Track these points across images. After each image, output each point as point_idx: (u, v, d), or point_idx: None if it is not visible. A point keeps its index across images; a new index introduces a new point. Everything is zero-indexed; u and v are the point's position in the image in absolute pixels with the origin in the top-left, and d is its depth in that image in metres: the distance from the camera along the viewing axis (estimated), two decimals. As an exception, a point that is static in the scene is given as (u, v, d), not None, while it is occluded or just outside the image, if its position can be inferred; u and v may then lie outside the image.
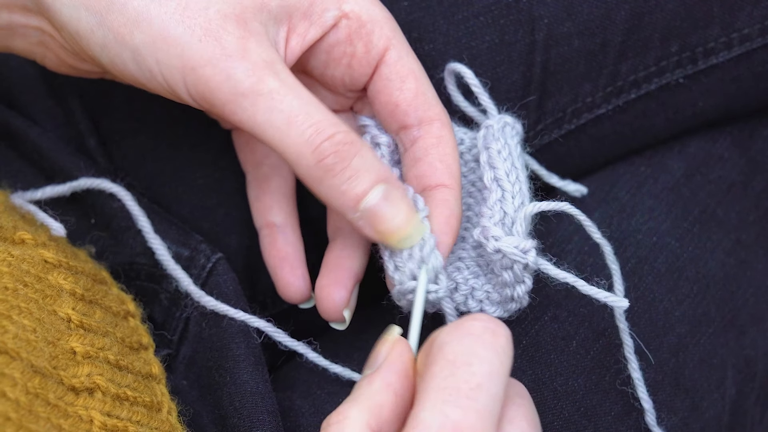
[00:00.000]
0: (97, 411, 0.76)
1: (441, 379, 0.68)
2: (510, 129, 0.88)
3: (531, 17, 0.95)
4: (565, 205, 0.84)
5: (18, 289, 0.78)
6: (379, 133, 0.88)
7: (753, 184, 1.01)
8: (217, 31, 0.79)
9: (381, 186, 0.80)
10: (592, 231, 0.86)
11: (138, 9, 0.79)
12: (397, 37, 0.85)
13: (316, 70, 0.87)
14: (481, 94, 0.91)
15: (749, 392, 0.98)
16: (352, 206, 0.80)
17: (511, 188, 0.85)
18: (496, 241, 0.82)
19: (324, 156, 0.78)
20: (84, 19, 0.80)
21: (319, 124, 0.78)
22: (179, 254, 0.92)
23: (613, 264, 0.87)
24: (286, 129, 0.78)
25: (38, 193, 0.91)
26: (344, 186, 0.79)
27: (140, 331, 0.87)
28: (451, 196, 0.84)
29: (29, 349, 0.75)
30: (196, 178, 0.99)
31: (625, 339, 0.87)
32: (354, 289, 0.88)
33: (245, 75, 0.78)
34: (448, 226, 0.83)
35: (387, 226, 0.80)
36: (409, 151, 0.86)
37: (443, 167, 0.84)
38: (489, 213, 0.84)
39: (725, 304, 0.97)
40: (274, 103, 0.78)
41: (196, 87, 0.79)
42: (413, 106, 0.85)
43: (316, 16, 0.84)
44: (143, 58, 0.80)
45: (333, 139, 0.78)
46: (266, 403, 0.87)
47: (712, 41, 0.96)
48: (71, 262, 0.85)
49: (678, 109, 0.99)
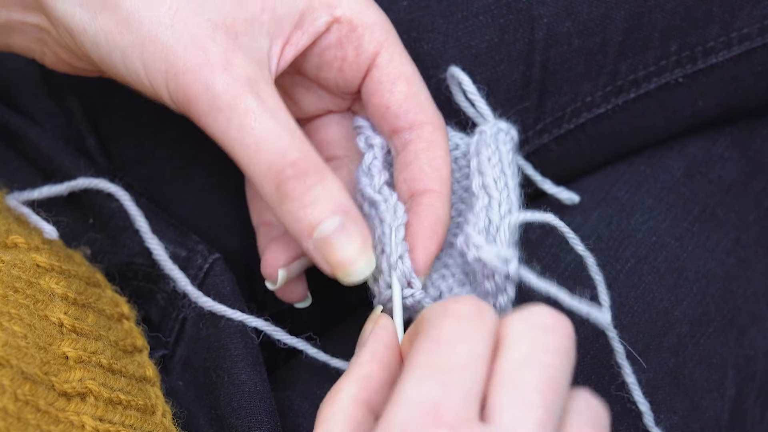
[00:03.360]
0: (89, 416, 0.76)
1: (425, 355, 0.67)
2: (503, 135, 0.87)
3: (531, 17, 0.95)
4: (549, 216, 0.83)
5: (8, 295, 0.78)
6: (372, 135, 0.87)
7: (753, 184, 1.01)
8: (204, 40, 0.79)
9: (337, 217, 0.79)
10: (575, 243, 0.86)
11: (129, 10, 0.79)
12: (389, 39, 0.85)
13: (310, 73, 0.87)
14: (478, 100, 0.90)
15: (749, 392, 0.98)
16: (306, 234, 0.79)
17: (498, 195, 0.84)
18: (477, 250, 0.81)
19: (283, 180, 0.78)
20: (77, 16, 0.80)
21: (286, 149, 0.78)
22: (176, 254, 0.92)
23: (597, 275, 0.86)
24: (254, 150, 0.78)
25: (35, 193, 0.91)
26: (300, 212, 0.78)
27: (134, 334, 0.87)
28: (439, 202, 0.83)
29: (19, 355, 0.75)
30: (196, 178, 0.99)
31: (615, 346, 0.86)
32: (302, 261, 0.88)
33: (224, 89, 0.78)
34: (432, 233, 0.83)
35: (336, 258, 0.79)
36: (401, 154, 0.86)
37: (432, 172, 0.84)
38: (474, 220, 0.83)
39: (725, 304, 0.97)
40: (248, 121, 0.78)
41: (177, 93, 0.79)
42: (404, 108, 0.85)
43: (308, 24, 0.83)
44: (131, 60, 0.80)
45: (296, 166, 0.78)
46: (265, 403, 0.87)
47: (712, 41, 0.96)
48: (64, 265, 0.85)
49: (678, 108, 0.99)
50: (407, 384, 0.66)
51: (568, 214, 0.97)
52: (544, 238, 0.95)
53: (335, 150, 0.91)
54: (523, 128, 0.97)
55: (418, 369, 0.67)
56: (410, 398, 0.65)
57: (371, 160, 0.87)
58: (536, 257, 0.95)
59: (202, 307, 0.89)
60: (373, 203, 0.85)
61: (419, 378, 0.66)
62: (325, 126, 0.91)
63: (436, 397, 0.65)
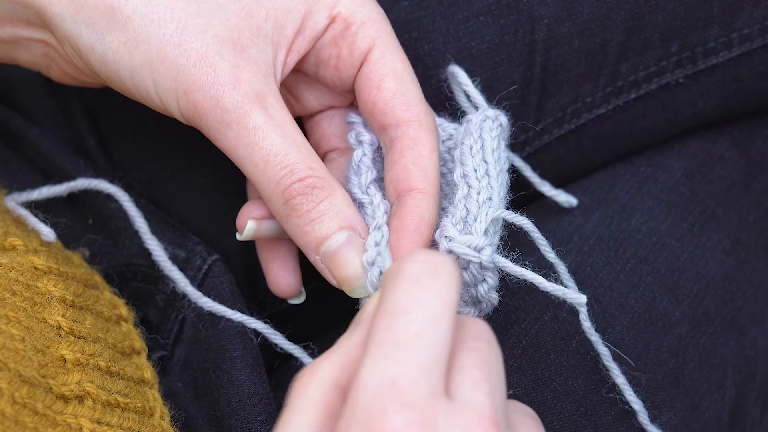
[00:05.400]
0: (87, 419, 0.76)
1: (380, 331, 0.66)
2: (490, 122, 0.86)
3: (531, 17, 0.95)
4: (524, 220, 0.83)
5: (5, 298, 0.78)
6: (363, 131, 0.87)
7: (753, 184, 1.01)
8: (212, 57, 0.80)
9: (344, 232, 0.81)
10: (546, 251, 0.85)
11: (137, 30, 0.80)
12: (383, 36, 0.85)
13: (309, 71, 0.88)
14: (472, 90, 0.90)
15: (749, 392, 0.98)
16: (312, 248, 0.81)
17: (477, 185, 0.83)
18: (449, 242, 0.81)
19: (291, 196, 0.80)
20: (85, 36, 0.81)
21: (294, 165, 0.80)
22: (176, 255, 0.92)
23: (569, 283, 0.86)
24: (262, 167, 0.80)
25: (35, 194, 0.92)
26: (307, 227, 0.81)
27: (132, 336, 0.87)
28: (423, 202, 0.83)
29: (17, 358, 0.75)
30: (196, 178, 0.99)
31: (600, 350, 0.86)
32: (275, 224, 0.88)
33: (233, 106, 0.80)
34: (416, 235, 0.82)
35: (343, 273, 0.81)
36: (389, 152, 0.85)
37: (417, 171, 0.83)
38: (453, 210, 0.82)
39: (725, 304, 0.97)
40: (256, 139, 0.80)
41: (187, 109, 0.81)
42: (390, 105, 0.84)
43: (309, 29, 0.84)
44: (141, 78, 0.81)
45: (303, 182, 0.80)
46: (264, 404, 0.87)
47: (712, 41, 0.96)
48: (62, 268, 0.85)
49: (678, 109, 0.99)
50: (366, 366, 0.64)
51: (568, 215, 0.97)
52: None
53: (337, 143, 0.91)
54: (524, 129, 0.97)
55: (374, 347, 0.65)
56: (370, 381, 0.64)
57: (360, 158, 0.87)
58: (536, 257, 0.95)
59: (201, 308, 0.90)
60: (360, 204, 0.85)
61: (376, 357, 0.64)
62: (327, 120, 0.91)
63: (395, 376, 0.63)
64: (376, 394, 0.63)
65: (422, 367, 0.64)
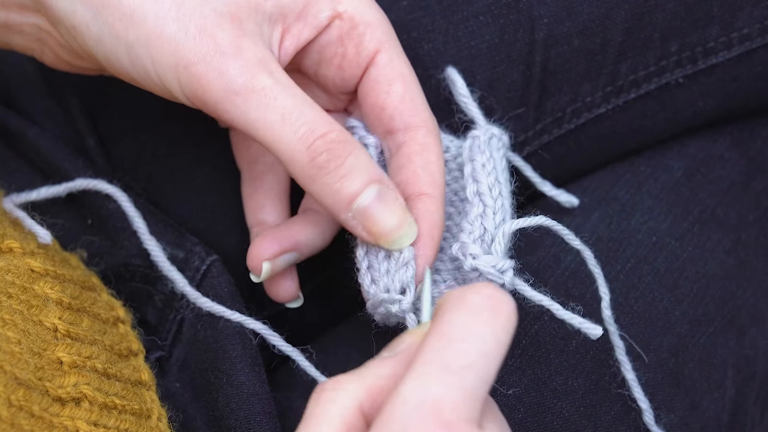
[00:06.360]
0: (84, 421, 0.76)
1: (431, 352, 0.66)
2: (496, 141, 0.87)
3: (531, 17, 0.95)
4: (541, 218, 0.84)
5: (2, 301, 0.78)
6: (366, 134, 0.87)
7: (753, 184, 1.01)
8: (211, 29, 0.79)
9: (375, 186, 0.80)
10: (571, 239, 0.85)
11: (133, 5, 0.79)
12: (390, 40, 0.85)
13: (309, 70, 0.87)
14: (469, 104, 0.90)
15: (749, 392, 0.98)
16: (344, 206, 0.80)
17: (493, 204, 0.84)
18: (474, 260, 0.81)
19: (317, 154, 0.78)
20: (80, 13, 0.80)
21: (312, 123, 0.78)
22: (174, 256, 0.92)
23: (595, 269, 0.86)
24: (279, 127, 0.78)
25: (34, 194, 0.92)
26: (337, 184, 0.79)
27: (130, 338, 0.87)
28: (434, 206, 0.83)
29: (13, 361, 0.75)
30: (196, 178, 0.99)
31: (615, 341, 0.87)
32: (289, 257, 0.88)
33: (238, 72, 0.78)
34: (429, 239, 0.82)
35: (379, 228, 0.80)
36: (395, 157, 0.85)
37: (426, 176, 0.84)
38: (469, 228, 0.83)
39: (725, 304, 0.97)
40: (267, 100, 0.78)
41: (190, 85, 0.79)
42: (399, 110, 0.85)
43: (311, 16, 0.84)
44: (137, 55, 0.80)
45: (326, 138, 0.78)
46: (263, 405, 0.87)
47: (712, 41, 0.96)
48: (59, 270, 0.85)
49: (678, 109, 0.99)
50: (407, 384, 0.65)
51: (568, 215, 0.97)
52: (543, 239, 0.95)
53: None
54: (523, 128, 0.97)
55: (420, 366, 0.66)
56: (412, 396, 0.64)
57: None
58: (536, 257, 0.95)
59: (200, 308, 0.90)
60: None
61: (421, 375, 0.65)
62: None
63: (437, 396, 0.64)
64: (416, 410, 0.64)
65: (465, 395, 0.65)
